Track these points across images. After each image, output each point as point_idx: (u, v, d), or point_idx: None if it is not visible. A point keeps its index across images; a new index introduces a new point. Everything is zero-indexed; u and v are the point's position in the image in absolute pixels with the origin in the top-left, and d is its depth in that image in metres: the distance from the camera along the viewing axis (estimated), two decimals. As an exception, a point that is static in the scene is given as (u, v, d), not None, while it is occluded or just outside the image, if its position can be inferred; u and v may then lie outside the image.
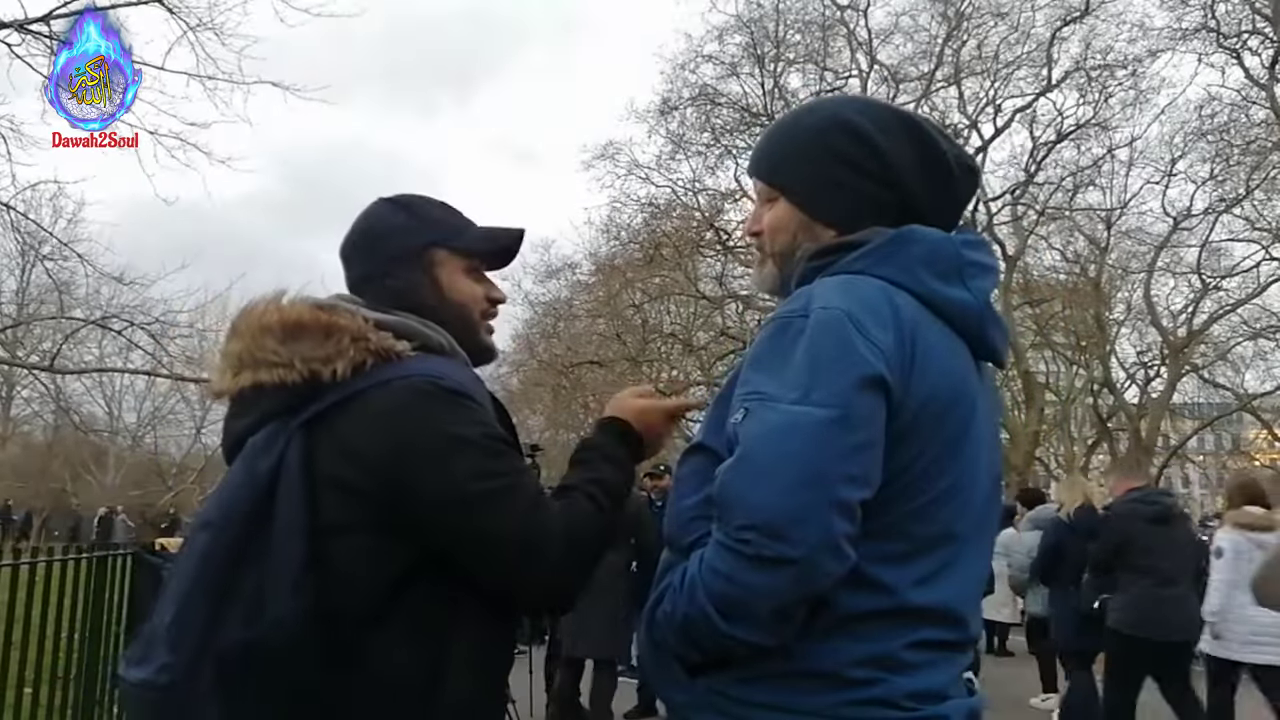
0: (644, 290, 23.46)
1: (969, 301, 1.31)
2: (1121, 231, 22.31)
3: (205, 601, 1.27)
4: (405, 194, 1.58)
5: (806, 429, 1.13)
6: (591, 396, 24.33)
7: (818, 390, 1.15)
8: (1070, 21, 20.36)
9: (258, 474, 1.32)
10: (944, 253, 1.31)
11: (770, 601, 1.13)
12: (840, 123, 1.37)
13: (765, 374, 1.20)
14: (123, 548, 5.20)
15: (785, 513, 1.11)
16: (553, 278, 24.84)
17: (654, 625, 1.25)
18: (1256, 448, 27.69)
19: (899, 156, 1.35)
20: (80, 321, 14.30)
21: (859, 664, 1.17)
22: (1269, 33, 18.44)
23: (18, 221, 12.45)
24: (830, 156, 1.36)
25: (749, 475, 1.14)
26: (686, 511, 1.29)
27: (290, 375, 1.35)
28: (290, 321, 1.38)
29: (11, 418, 33.53)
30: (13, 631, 3.67)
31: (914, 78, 21.57)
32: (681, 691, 1.25)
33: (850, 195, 1.35)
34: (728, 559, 1.14)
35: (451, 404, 1.34)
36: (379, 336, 1.38)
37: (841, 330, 1.18)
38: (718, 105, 21.78)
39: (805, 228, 1.38)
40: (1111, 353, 23.57)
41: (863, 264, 1.28)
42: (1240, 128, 19.52)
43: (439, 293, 1.51)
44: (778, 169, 1.42)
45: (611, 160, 22.19)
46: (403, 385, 1.33)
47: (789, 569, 1.11)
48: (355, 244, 1.54)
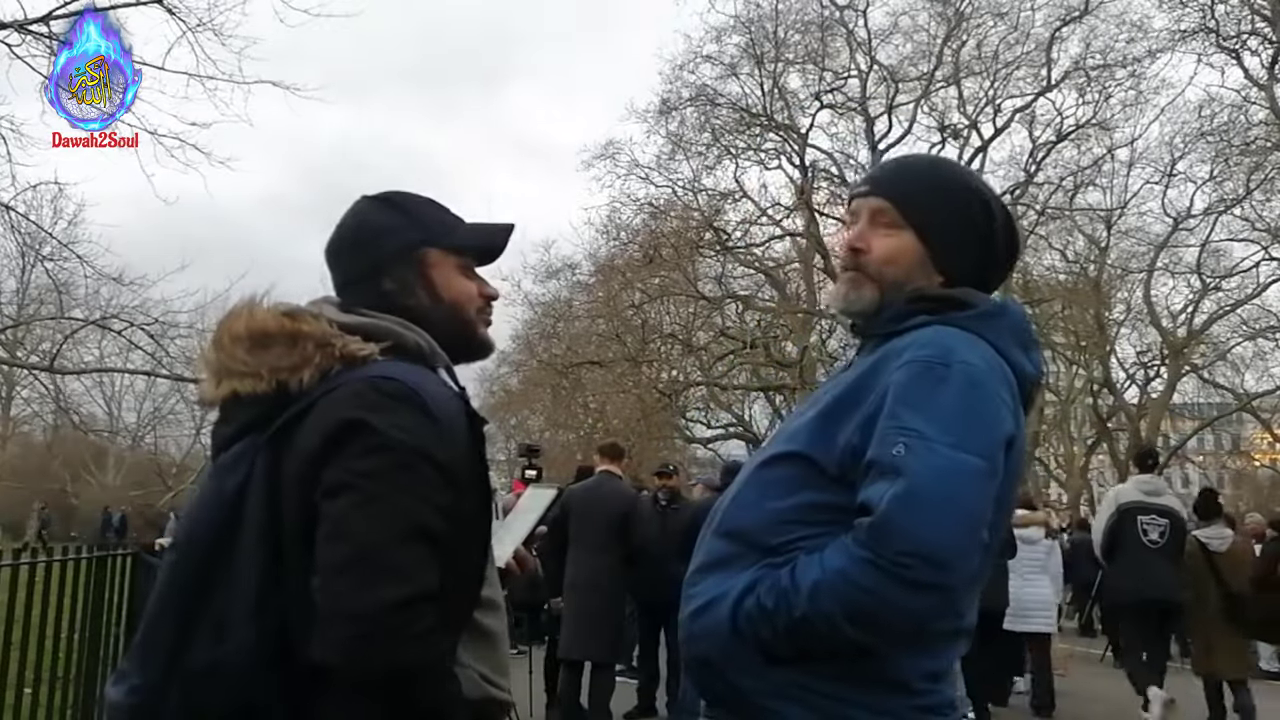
0: (644, 290, 23.45)
1: (1034, 374, 1.47)
2: (1121, 232, 22.39)
3: (173, 623, 1.25)
4: (393, 191, 1.54)
5: (969, 475, 1.27)
6: (591, 396, 24.34)
7: (973, 440, 1.29)
8: (1070, 21, 20.39)
9: (225, 492, 1.29)
10: (1025, 328, 1.50)
11: (913, 621, 1.27)
12: (981, 195, 1.53)
13: (918, 414, 1.30)
14: (122, 548, 5.20)
15: (950, 548, 1.25)
16: (553, 278, 24.83)
17: (741, 615, 1.31)
18: (1256, 448, 27.71)
19: (1001, 242, 1.53)
20: (80, 322, 14.33)
21: (924, 676, 1.33)
22: (1268, 33, 18.45)
23: (18, 222, 12.49)
24: (969, 218, 1.50)
25: (918, 508, 1.25)
26: (779, 513, 1.36)
27: (260, 386, 1.32)
28: (257, 330, 1.35)
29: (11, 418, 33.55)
30: (13, 631, 3.67)
31: (913, 78, 21.59)
32: (757, 679, 1.31)
33: (968, 256, 1.50)
34: (876, 576, 1.24)
35: (385, 405, 1.26)
36: (344, 341, 1.34)
37: (991, 389, 1.33)
38: (717, 106, 21.79)
39: (923, 267, 1.49)
40: (1111, 353, 23.60)
41: (976, 325, 1.41)
42: (1240, 128, 19.56)
43: (434, 292, 1.47)
44: (917, 205, 1.50)
45: (611, 160, 22.24)
46: (346, 389, 1.29)
47: (941, 595, 1.26)
48: (344, 244, 1.50)
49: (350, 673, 1.18)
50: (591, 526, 6.28)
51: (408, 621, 1.17)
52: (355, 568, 1.18)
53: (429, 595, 1.20)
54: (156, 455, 36.43)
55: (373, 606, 1.16)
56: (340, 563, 1.18)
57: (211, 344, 1.40)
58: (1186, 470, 32.91)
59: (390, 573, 1.18)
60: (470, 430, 1.37)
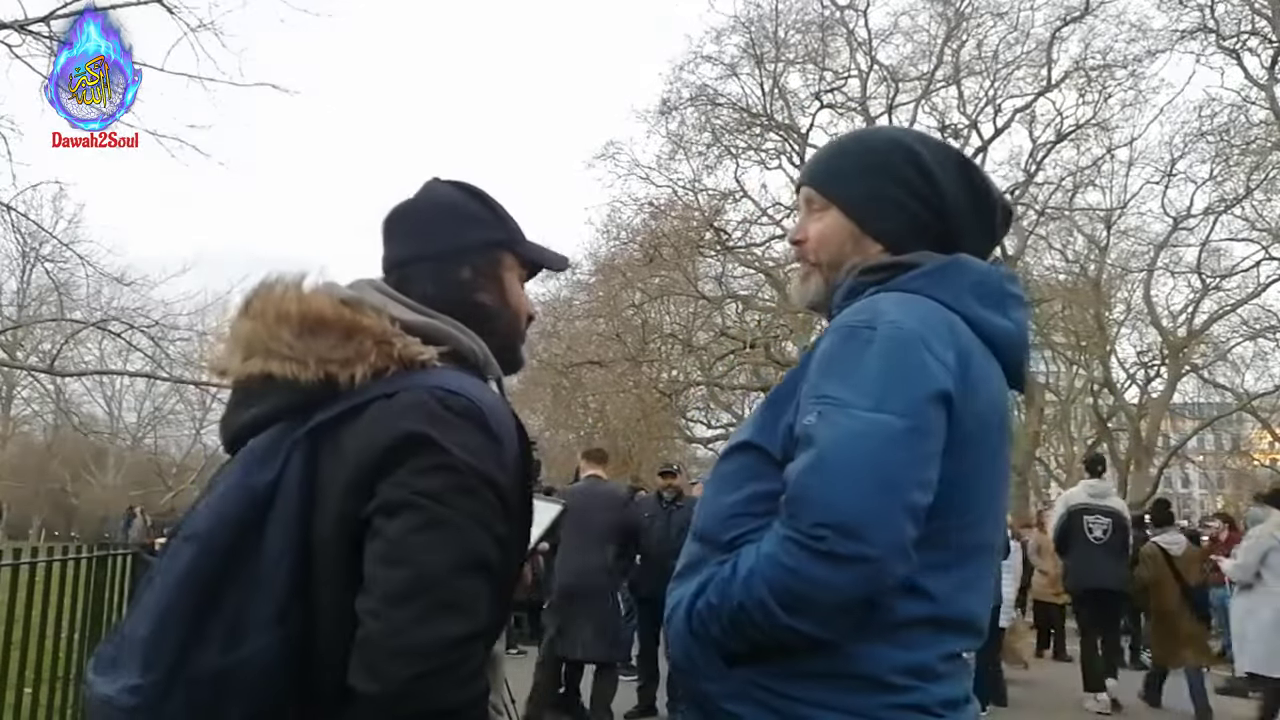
0: (644, 290, 23.44)
1: (1011, 330, 1.38)
2: (1121, 231, 22.36)
3: (184, 622, 1.15)
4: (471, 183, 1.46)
5: (883, 436, 1.19)
6: (591, 396, 24.33)
7: (892, 400, 1.20)
8: (1070, 21, 20.36)
9: (254, 487, 1.19)
10: (990, 282, 1.38)
11: (837, 597, 1.17)
12: (903, 148, 1.44)
13: (837, 380, 1.24)
14: (123, 547, 5.20)
15: (862, 514, 1.16)
16: (552, 277, 24.78)
17: (694, 616, 1.27)
18: (1256, 448, 27.70)
19: (951, 189, 1.42)
20: (80, 324, 14.34)
21: (900, 672, 1.23)
22: (1268, 33, 18.43)
23: (18, 222, 12.49)
24: (890, 177, 1.42)
25: (826, 475, 1.18)
26: (730, 508, 1.32)
27: (304, 374, 1.22)
28: (311, 314, 1.25)
29: (11, 418, 33.55)
30: (13, 631, 3.67)
31: (913, 78, 21.57)
32: (718, 682, 1.27)
33: (903, 215, 1.42)
34: (796, 554, 1.17)
35: (451, 421, 1.18)
36: (405, 342, 1.25)
37: (914, 346, 1.24)
38: (717, 105, 21.79)
39: (855, 240, 1.44)
40: (1111, 353, 23.58)
41: (919, 284, 1.34)
42: (1240, 128, 19.53)
43: (502, 295, 1.41)
44: (835, 180, 1.47)
45: (612, 160, 22.24)
46: (407, 397, 1.19)
47: (862, 567, 1.16)
48: (426, 219, 1.41)
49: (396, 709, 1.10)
50: (586, 529, 6.27)
51: (463, 660, 1.11)
52: (418, 600, 1.10)
53: (484, 633, 1.15)
54: (156, 455, 36.44)
55: (436, 645, 1.09)
56: (401, 591, 1.10)
57: (246, 314, 1.29)
58: (1186, 470, 32.94)
59: (453, 608, 1.11)
60: (522, 450, 1.28)
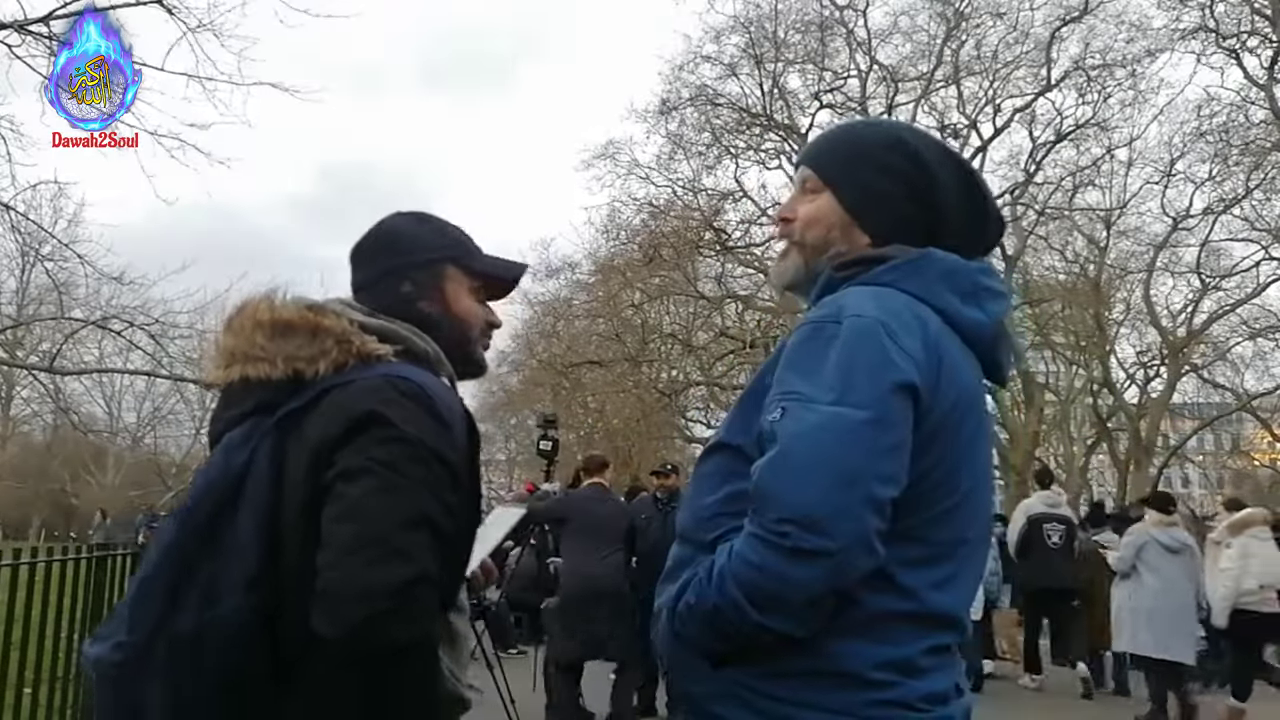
0: (644, 290, 23.45)
1: (984, 321, 1.37)
2: (1121, 232, 22.37)
3: (165, 586, 1.30)
4: (424, 211, 1.66)
5: (844, 429, 1.19)
6: (591, 396, 24.34)
7: (854, 393, 1.20)
8: (1069, 21, 20.38)
9: (230, 468, 1.35)
10: (962, 274, 1.38)
11: (804, 593, 1.17)
12: (902, 144, 1.45)
13: (800, 375, 1.25)
14: (123, 547, 5.20)
15: (824, 507, 1.16)
16: (552, 277, 24.82)
17: (676, 617, 1.28)
18: (1256, 448, 27.71)
19: (946, 189, 1.43)
20: (80, 322, 14.32)
21: (880, 667, 1.23)
22: (1268, 33, 18.44)
23: (18, 222, 12.47)
24: (887, 170, 1.43)
25: (788, 471, 1.19)
26: (708, 508, 1.33)
27: (274, 371, 1.39)
28: (280, 320, 1.43)
29: (11, 418, 33.55)
30: (13, 631, 3.68)
31: (913, 78, 21.58)
32: (702, 683, 1.27)
33: (894, 210, 1.42)
34: (762, 551, 1.18)
35: (402, 402, 1.34)
36: (362, 339, 1.42)
37: (876, 337, 1.23)
38: (717, 106, 21.78)
39: (844, 228, 1.44)
40: (1111, 353, 23.59)
41: (890, 277, 1.34)
42: (1239, 128, 19.53)
43: (445, 304, 1.58)
44: (834, 164, 1.47)
45: (612, 160, 22.24)
46: (364, 383, 1.36)
47: (826, 561, 1.16)
48: (375, 247, 1.60)
49: (355, 646, 1.23)
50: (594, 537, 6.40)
51: (412, 600, 1.24)
52: (368, 549, 1.24)
53: (430, 578, 1.27)
54: (156, 455, 36.43)
55: (384, 587, 1.22)
56: (354, 544, 1.24)
57: (226, 330, 1.47)
58: (1186, 470, 32.95)
59: (399, 554, 1.24)
60: (470, 437, 1.44)
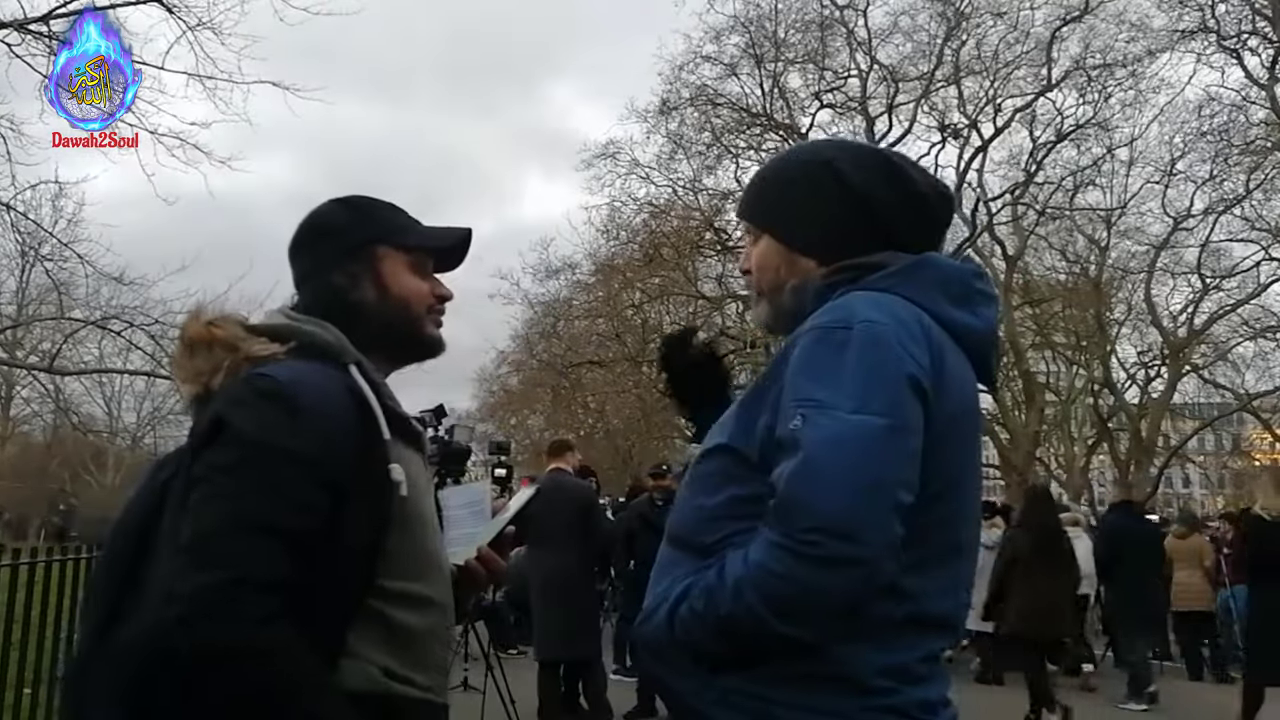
0: (644, 290, 23.45)
1: (978, 326, 1.39)
2: (1121, 232, 22.37)
3: (103, 604, 1.34)
4: (353, 195, 1.60)
5: (868, 436, 1.19)
6: (591, 396, 24.35)
7: (874, 400, 1.21)
8: (1069, 21, 20.36)
9: (155, 485, 1.39)
10: (956, 280, 1.40)
11: (831, 601, 1.18)
12: (818, 162, 1.47)
13: (817, 382, 1.25)
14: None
15: (854, 515, 1.17)
16: (553, 277, 24.78)
17: (677, 621, 1.27)
18: (1256, 448, 27.70)
19: (872, 190, 1.43)
20: (80, 322, 14.33)
21: (880, 673, 1.23)
22: (1269, 33, 18.44)
23: (18, 222, 12.48)
24: (805, 192, 1.45)
25: (815, 480, 1.18)
26: (708, 511, 1.32)
27: (194, 389, 1.42)
28: (188, 338, 1.45)
29: (11, 418, 33.53)
30: (13, 631, 3.67)
31: (913, 77, 21.56)
32: (696, 687, 1.27)
33: (824, 226, 1.44)
34: (788, 560, 1.17)
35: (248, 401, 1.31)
36: (250, 343, 1.41)
37: (889, 344, 1.25)
38: (717, 105, 21.77)
39: (787, 261, 1.47)
40: (1111, 353, 23.59)
41: (887, 283, 1.35)
42: (1240, 128, 19.56)
43: (381, 288, 1.52)
44: (759, 209, 1.53)
45: (612, 159, 22.23)
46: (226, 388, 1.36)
47: (858, 570, 1.17)
48: (301, 241, 1.57)
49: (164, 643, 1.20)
50: (551, 526, 6.16)
51: (223, 604, 1.19)
52: (185, 555, 1.23)
53: (254, 582, 1.21)
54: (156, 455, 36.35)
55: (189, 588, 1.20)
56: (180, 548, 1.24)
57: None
58: (1187, 470, 32.94)
59: (216, 559, 1.22)
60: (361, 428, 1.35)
